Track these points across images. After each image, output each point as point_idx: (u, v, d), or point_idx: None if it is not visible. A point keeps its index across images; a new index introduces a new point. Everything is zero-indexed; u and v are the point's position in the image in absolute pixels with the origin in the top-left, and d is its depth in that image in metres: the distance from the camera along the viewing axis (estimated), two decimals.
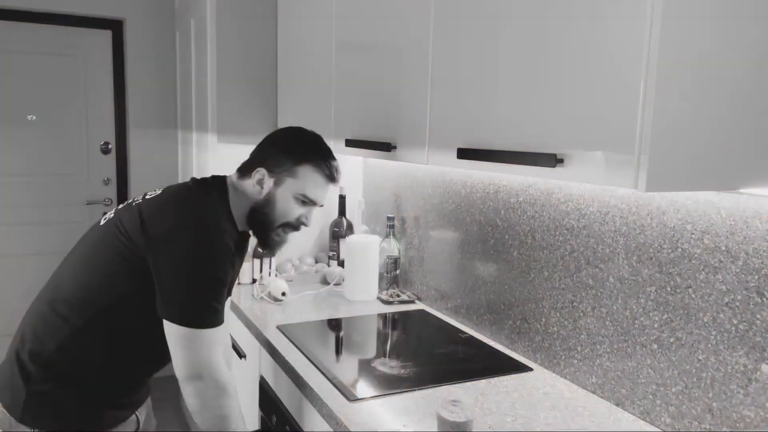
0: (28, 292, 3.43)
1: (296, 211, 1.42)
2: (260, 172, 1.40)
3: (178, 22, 3.23)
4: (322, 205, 1.46)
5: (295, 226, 1.44)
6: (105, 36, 3.44)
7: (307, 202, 1.42)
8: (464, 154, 1.21)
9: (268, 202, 1.40)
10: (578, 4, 0.96)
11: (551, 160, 0.98)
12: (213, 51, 2.38)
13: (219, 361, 1.28)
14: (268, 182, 1.40)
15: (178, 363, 1.26)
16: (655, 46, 0.83)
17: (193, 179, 1.44)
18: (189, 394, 1.28)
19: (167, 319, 1.25)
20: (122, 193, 3.54)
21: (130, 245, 1.27)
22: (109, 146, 3.52)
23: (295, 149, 1.42)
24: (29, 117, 3.34)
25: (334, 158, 1.45)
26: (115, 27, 3.44)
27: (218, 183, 1.43)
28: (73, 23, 3.33)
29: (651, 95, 0.84)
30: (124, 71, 3.45)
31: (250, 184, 1.41)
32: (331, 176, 1.43)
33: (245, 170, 1.43)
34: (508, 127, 1.12)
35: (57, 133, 3.40)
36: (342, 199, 2.41)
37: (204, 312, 1.25)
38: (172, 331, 1.25)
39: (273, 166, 1.40)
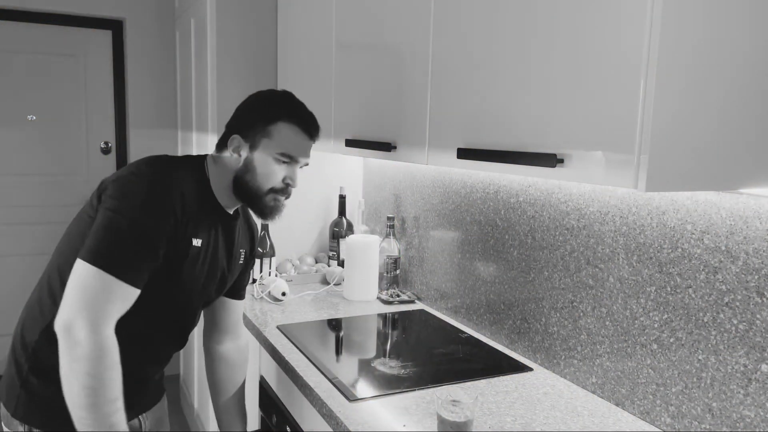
0: (27, 291, 3.44)
1: (279, 173, 1.35)
2: (236, 140, 1.35)
3: (178, 22, 3.23)
4: (306, 164, 1.39)
5: (281, 189, 1.37)
6: (105, 36, 3.44)
7: (287, 161, 1.35)
8: (464, 154, 1.21)
9: (248, 168, 1.34)
10: (578, 4, 0.96)
11: (551, 160, 0.98)
12: (213, 51, 2.38)
13: (106, 322, 1.13)
14: (244, 148, 1.35)
15: (64, 304, 1.13)
16: (655, 46, 0.83)
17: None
18: (60, 351, 1.12)
19: (79, 257, 1.15)
20: None
21: (92, 212, 1.24)
22: (109, 146, 3.52)
23: (266, 109, 1.37)
24: (29, 117, 3.34)
25: (308, 112, 1.39)
26: (115, 27, 3.45)
27: (194, 157, 1.40)
28: (73, 23, 3.33)
29: (651, 95, 0.84)
30: (124, 71, 3.46)
31: (228, 155, 1.37)
32: (308, 130, 1.37)
33: (222, 142, 1.40)
34: (508, 127, 1.12)
35: (57, 133, 3.40)
36: (342, 199, 2.41)
37: (115, 256, 1.15)
38: (75, 269, 1.15)
39: (247, 130, 1.35)
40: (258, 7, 2.39)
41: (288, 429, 1.57)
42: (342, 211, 2.41)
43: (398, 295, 2.11)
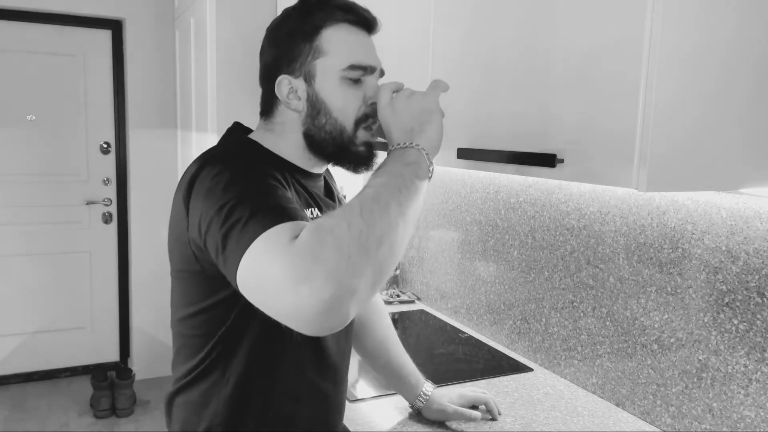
0: (27, 292, 3.45)
1: (356, 95, 1.00)
2: (283, 81, 0.99)
3: (178, 22, 3.23)
4: (381, 69, 1.05)
5: (371, 114, 1.01)
6: (105, 36, 3.44)
7: (360, 75, 0.99)
8: (464, 154, 1.21)
9: (315, 107, 0.99)
10: (578, 3, 0.95)
11: (551, 160, 0.98)
12: (213, 51, 2.38)
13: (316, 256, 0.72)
14: (300, 86, 0.99)
15: (270, 293, 0.74)
16: (656, 46, 0.83)
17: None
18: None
19: (230, 275, 0.79)
20: (122, 193, 3.54)
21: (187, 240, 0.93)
22: (109, 146, 3.52)
23: (300, 23, 1.00)
24: (29, 117, 3.34)
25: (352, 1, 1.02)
26: (115, 27, 3.44)
27: (239, 140, 1.06)
28: (72, 23, 3.33)
29: (651, 95, 0.84)
30: (124, 71, 3.45)
31: (282, 108, 1.01)
32: (363, 21, 1.01)
33: (268, 102, 1.03)
34: (508, 127, 1.12)
35: (57, 133, 3.40)
36: (342, 199, 2.40)
37: (262, 212, 0.79)
38: (241, 278, 0.77)
39: (291, 62, 0.99)
40: (258, 6, 2.39)
41: None
42: None
43: (398, 295, 2.11)
